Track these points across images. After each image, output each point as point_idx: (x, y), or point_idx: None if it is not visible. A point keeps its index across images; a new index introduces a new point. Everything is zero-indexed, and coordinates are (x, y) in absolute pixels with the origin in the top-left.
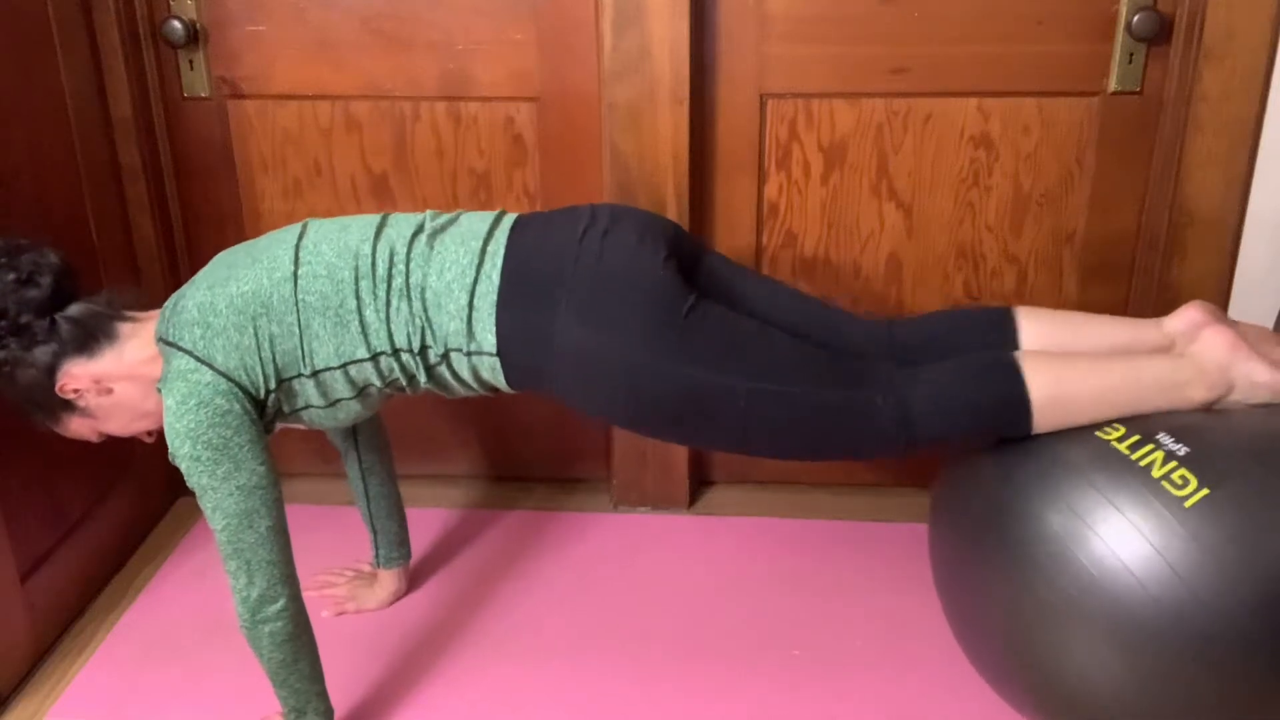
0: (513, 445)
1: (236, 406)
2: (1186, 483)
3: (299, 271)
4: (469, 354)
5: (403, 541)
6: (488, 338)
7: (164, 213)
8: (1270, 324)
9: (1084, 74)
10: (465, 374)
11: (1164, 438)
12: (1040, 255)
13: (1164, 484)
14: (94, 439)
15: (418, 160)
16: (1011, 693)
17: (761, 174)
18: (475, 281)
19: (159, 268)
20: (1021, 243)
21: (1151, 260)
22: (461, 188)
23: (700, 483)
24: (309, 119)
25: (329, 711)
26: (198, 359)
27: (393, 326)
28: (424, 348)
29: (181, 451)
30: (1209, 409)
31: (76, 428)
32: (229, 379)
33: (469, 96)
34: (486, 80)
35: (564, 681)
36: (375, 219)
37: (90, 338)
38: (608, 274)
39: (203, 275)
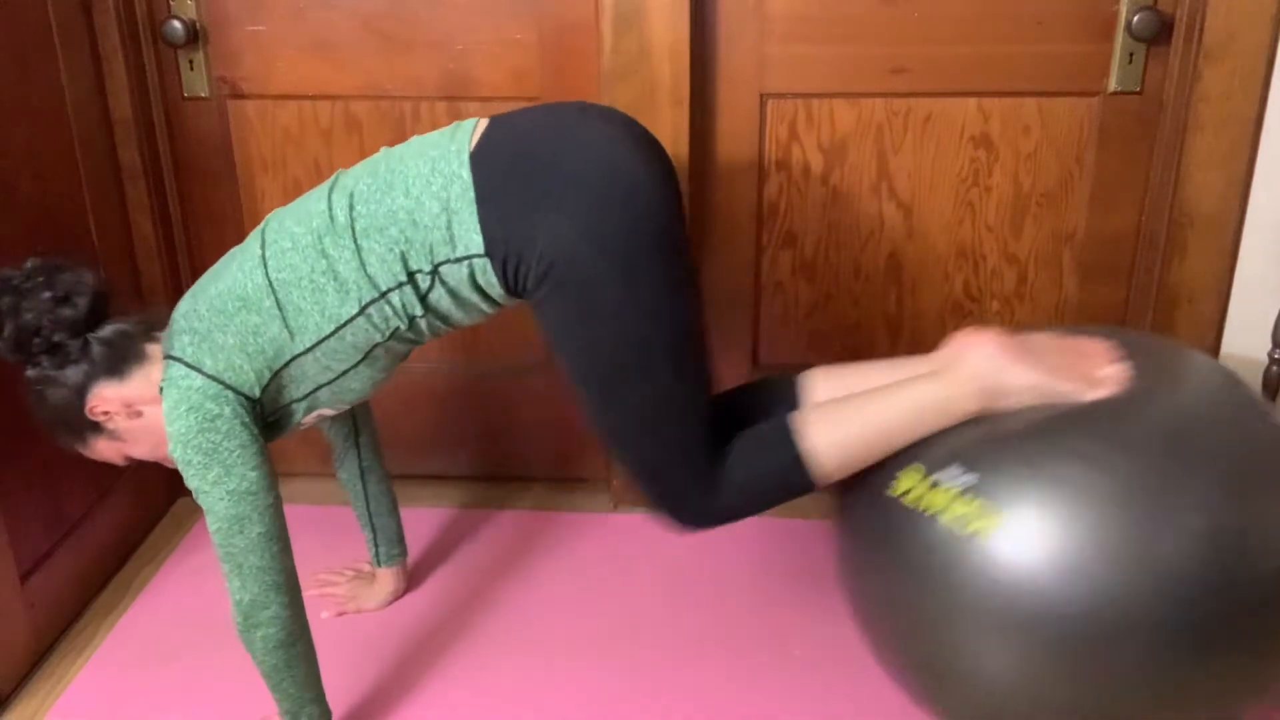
0: (512, 445)
1: (226, 410)
2: (979, 515)
3: (266, 254)
4: (458, 260)
5: (401, 539)
6: (474, 238)
7: (164, 213)
8: (1270, 323)
9: (1084, 74)
10: (464, 287)
11: (953, 471)
12: (1040, 255)
13: (955, 525)
14: (120, 462)
15: None
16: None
17: (761, 174)
18: (446, 182)
19: (159, 268)
20: (1021, 243)
21: (1151, 260)
22: None
23: None
24: (309, 119)
25: (326, 715)
26: (187, 365)
27: (370, 270)
28: (411, 275)
29: (175, 454)
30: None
31: (103, 450)
32: (219, 382)
33: (469, 96)
34: (486, 80)
35: (564, 681)
36: (330, 180)
37: (121, 359)
38: (609, 190)
39: (192, 287)
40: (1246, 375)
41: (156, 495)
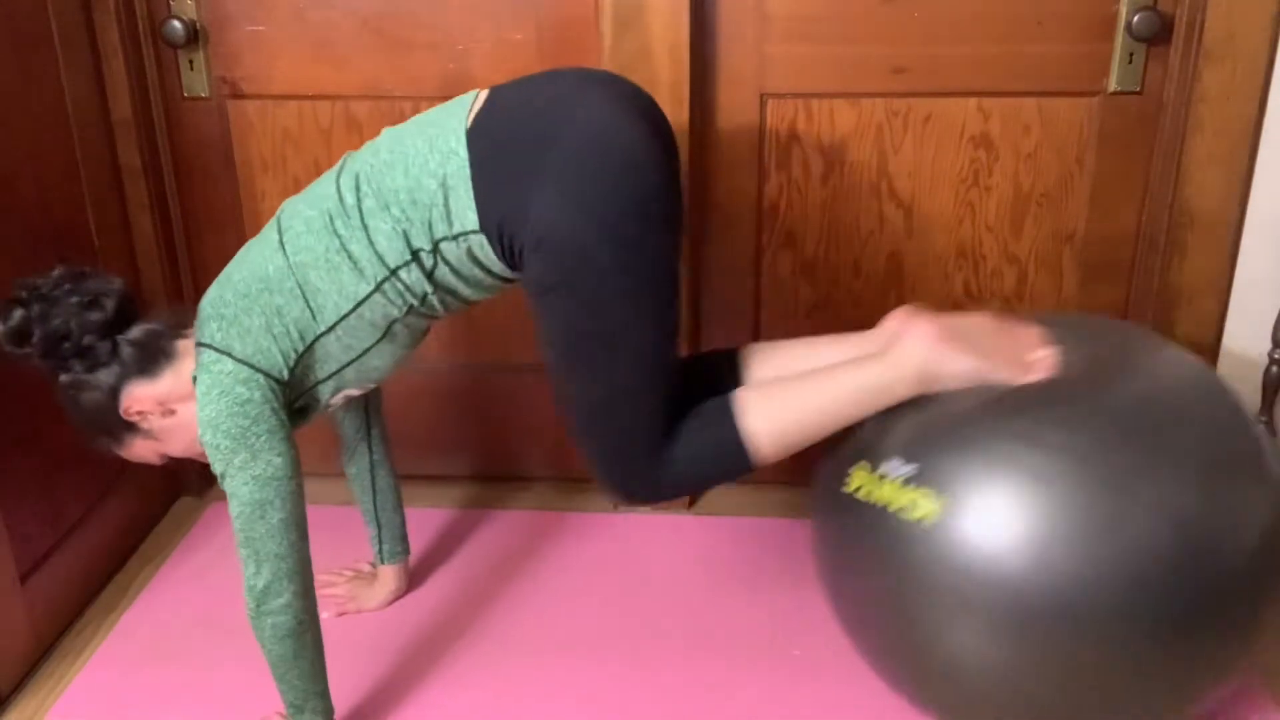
0: (513, 445)
1: (256, 395)
2: (920, 503)
3: (284, 238)
4: (455, 238)
5: (404, 537)
6: (469, 215)
7: (164, 213)
8: (1270, 323)
9: (1084, 74)
10: (465, 264)
11: (893, 464)
12: (1040, 255)
13: (901, 515)
14: (156, 461)
15: None
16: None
17: (761, 174)
18: (443, 160)
19: (159, 268)
20: (1021, 243)
21: (1151, 260)
22: None
23: None
24: (309, 119)
25: (329, 711)
26: (217, 350)
27: (379, 248)
28: (415, 254)
29: (204, 438)
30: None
31: (140, 450)
32: (249, 366)
33: None
34: (486, 80)
35: (564, 681)
36: (339, 163)
37: (151, 359)
38: (601, 162)
39: (218, 277)
40: (1246, 375)
41: (156, 495)
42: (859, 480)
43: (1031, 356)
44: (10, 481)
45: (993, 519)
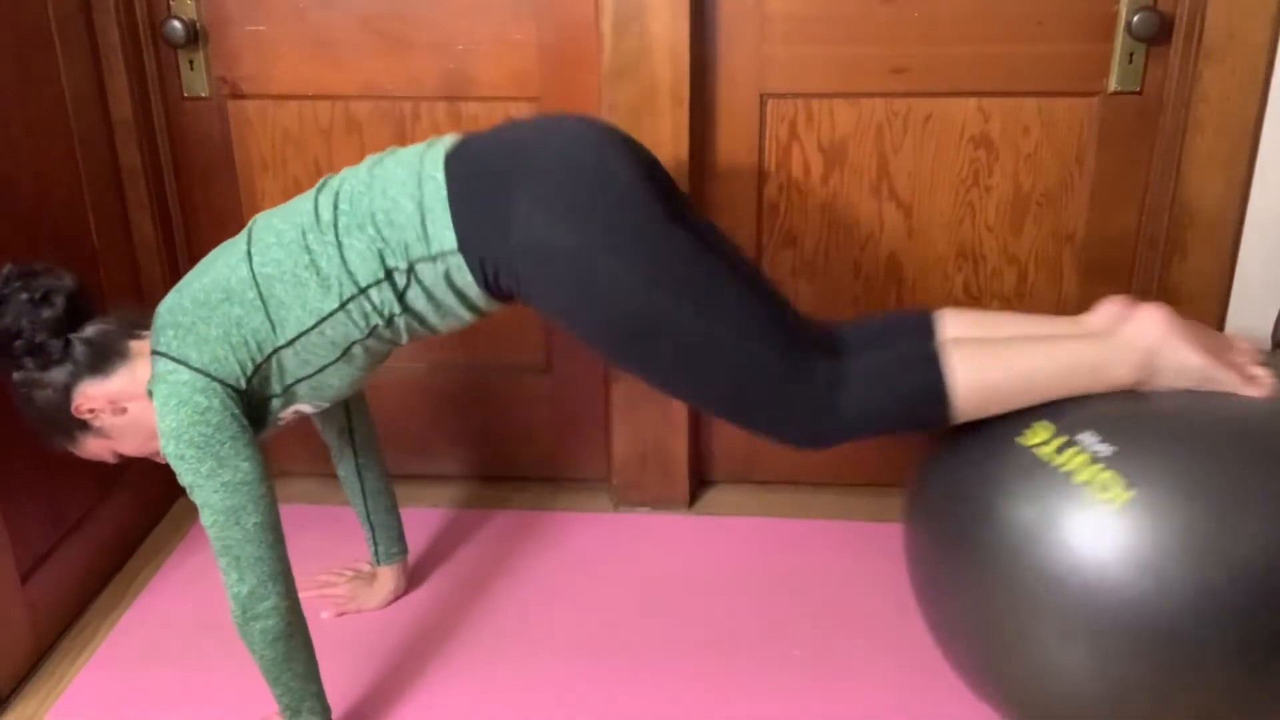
0: (512, 445)
1: (215, 403)
2: (1112, 485)
3: (252, 250)
4: (432, 259)
5: (400, 536)
6: (446, 235)
7: (164, 213)
8: (1270, 324)
9: (1084, 74)
10: (439, 288)
11: (1088, 438)
12: (1040, 255)
13: (1088, 489)
14: (110, 460)
15: None
16: (985, 693)
17: (761, 174)
18: (420, 184)
19: (159, 268)
20: (1021, 243)
21: (1151, 260)
22: None
23: (700, 483)
24: (309, 119)
25: (326, 711)
26: (174, 359)
27: (351, 266)
28: (389, 273)
29: (168, 450)
30: (1134, 391)
31: (93, 448)
32: (206, 375)
33: (469, 96)
34: (486, 80)
35: (563, 681)
36: (318, 184)
37: (104, 358)
38: (575, 167)
39: (177, 285)
40: None
41: (156, 496)
42: (1041, 436)
43: (1253, 370)
44: (10, 481)
45: (1143, 523)
